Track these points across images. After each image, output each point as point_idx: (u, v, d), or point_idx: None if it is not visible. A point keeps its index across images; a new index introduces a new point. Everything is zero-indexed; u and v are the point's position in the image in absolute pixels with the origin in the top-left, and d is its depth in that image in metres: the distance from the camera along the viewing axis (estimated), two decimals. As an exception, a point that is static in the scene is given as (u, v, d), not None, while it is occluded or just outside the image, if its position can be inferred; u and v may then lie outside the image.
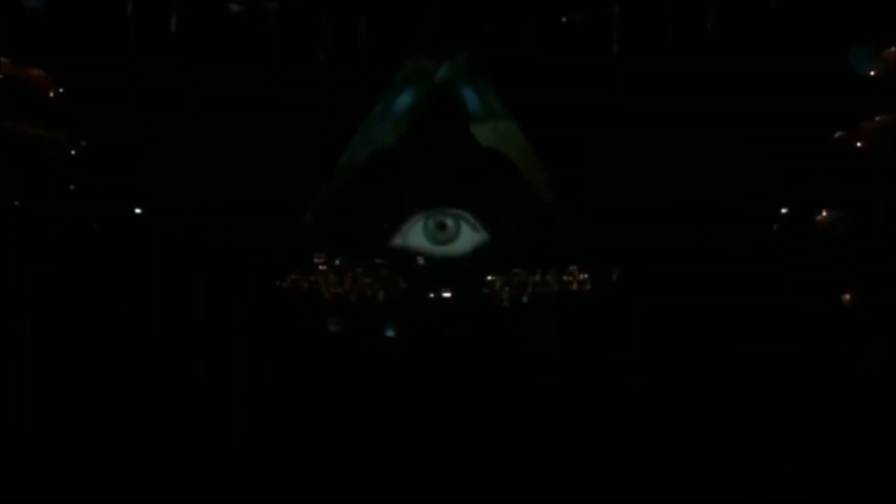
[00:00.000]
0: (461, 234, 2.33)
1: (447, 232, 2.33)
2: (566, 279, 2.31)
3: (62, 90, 2.11)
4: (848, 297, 2.10)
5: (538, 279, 2.30)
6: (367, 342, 2.28)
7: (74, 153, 2.13)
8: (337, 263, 2.32)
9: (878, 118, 2.05)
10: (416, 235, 2.34)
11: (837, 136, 2.09)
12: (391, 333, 2.29)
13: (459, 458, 2.12)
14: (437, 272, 2.32)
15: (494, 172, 2.38)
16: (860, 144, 2.06)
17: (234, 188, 2.35)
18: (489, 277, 2.30)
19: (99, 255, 2.26)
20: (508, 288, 2.29)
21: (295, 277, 2.32)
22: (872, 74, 2.07)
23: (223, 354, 2.19)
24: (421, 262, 2.32)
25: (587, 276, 2.31)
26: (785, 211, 2.28)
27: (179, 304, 2.23)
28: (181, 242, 2.30)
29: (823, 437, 2.09)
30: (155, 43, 2.38)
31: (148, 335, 2.21)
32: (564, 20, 2.41)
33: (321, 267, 2.32)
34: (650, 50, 2.38)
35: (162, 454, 2.09)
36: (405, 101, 2.37)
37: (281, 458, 2.11)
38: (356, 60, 2.42)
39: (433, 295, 2.30)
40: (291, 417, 2.15)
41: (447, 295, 2.30)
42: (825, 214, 2.12)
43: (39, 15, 2.30)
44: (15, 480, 1.97)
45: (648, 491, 2.09)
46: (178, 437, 2.11)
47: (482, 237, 2.35)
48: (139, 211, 2.33)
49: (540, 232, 2.38)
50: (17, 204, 2.09)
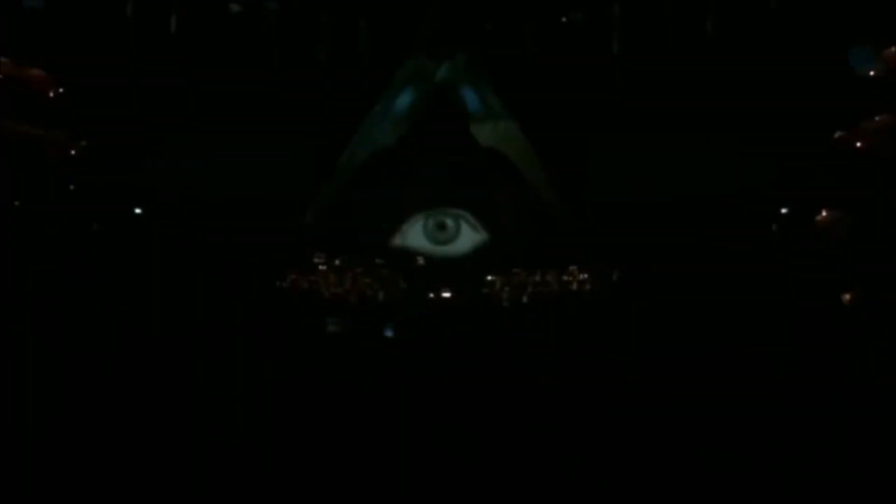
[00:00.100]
0: (461, 234, 2.33)
1: (447, 232, 2.33)
2: (566, 279, 2.31)
3: (62, 90, 2.11)
4: (848, 297, 2.10)
5: (538, 279, 2.30)
6: (367, 342, 2.28)
7: (74, 153, 2.13)
8: (337, 263, 2.32)
9: (878, 118, 2.04)
10: (416, 235, 2.34)
11: (837, 136, 2.09)
12: (391, 333, 2.29)
13: (459, 458, 2.12)
14: (437, 272, 2.32)
15: (494, 172, 2.38)
16: (860, 144, 2.06)
17: (234, 188, 2.35)
18: (489, 277, 2.30)
19: (99, 255, 2.26)
20: (508, 288, 2.29)
21: (295, 277, 2.32)
22: (872, 74, 2.07)
23: (223, 354, 2.19)
24: (421, 262, 2.32)
25: (587, 276, 2.31)
26: (785, 211, 2.29)
27: (179, 304, 2.23)
28: (181, 242, 2.30)
29: (823, 437, 2.09)
30: (155, 43, 2.38)
31: (148, 335, 2.21)
32: (564, 20, 2.41)
33: (321, 267, 2.32)
34: (650, 50, 2.39)
35: (162, 454, 2.09)
36: (405, 101, 2.37)
37: (281, 457, 2.11)
38: (356, 60, 2.42)
39: (433, 295, 2.30)
40: (291, 417, 2.15)
41: (447, 295, 2.30)
42: (825, 214, 2.12)
43: (39, 15, 2.30)
44: (15, 480, 1.97)
45: (648, 491, 2.09)
46: (178, 436, 2.11)
47: (482, 237, 2.35)
48: (139, 211, 2.33)
49: (540, 232, 2.38)
50: (17, 204, 2.09)
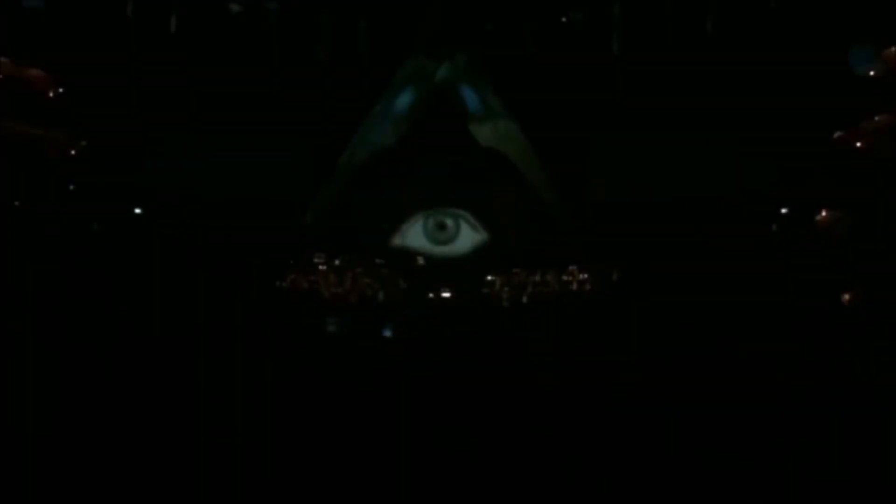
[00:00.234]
0: (461, 234, 2.33)
1: (447, 232, 2.33)
2: (566, 279, 2.31)
3: (62, 90, 2.11)
4: (848, 297, 2.10)
5: (538, 279, 2.30)
6: (367, 342, 2.28)
7: (74, 153, 2.13)
8: (337, 263, 2.32)
9: (878, 118, 2.04)
10: (415, 235, 2.34)
11: (837, 136, 2.09)
12: (391, 333, 2.29)
13: (459, 458, 2.12)
14: (437, 272, 2.32)
15: (494, 172, 2.38)
16: (860, 144, 2.06)
17: (234, 188, 2.35)
18: (489, 277, 2.30)
19: (99, 255, 2.26)
20: (508, 288, 2.29)
21: (295, 277, 2.32)
22: (872, 74, 2.07)
23: (223, 354, 2.19)
24: (421, 262, 2.32)
25: (587, 276, 2.31)
26: (785, 211, 2.28)
27: (179, 303, 2.23)
28: (181, 242, 2.30)
29: (823, 437, 2.09)
30: (155, 43, 2.38)
31: (148, 335, 2.21)
32: (564, 20, 2.41)
33: (321, 267, 2.32)
34: (650, 50, 2.38)
35: (162, 454, 2.09)
36: (405, 101, 2.37)
37: (281, 457, 2.11)
38: (356, 60, 2.42)
39: (433, 295, 2.30)
40: (291, 417, 2.15)
41: (447, 295, 2.30)
42: (825, 214, 2.12)
43: (39, 15, 2.30)
44: (15, 480, 1.97)
45: (648, 491, 2.09)
46: (177, 436, 2.11)
47: (482, 237, 2.35)
48: (139, 211, 2.33)
49: (540, 232, 2.38)
50: (17, 204, 2.09)
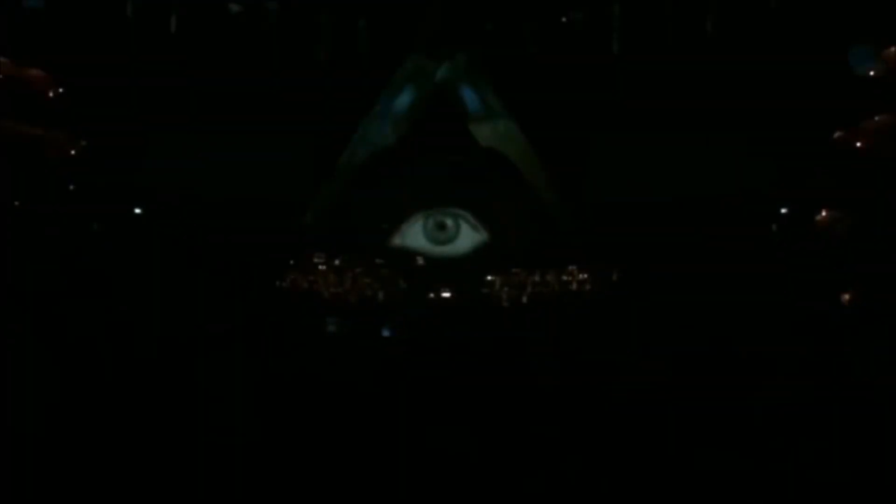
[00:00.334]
0: (461, 234, 2.33)
1: (447, 232, 2.33)
2: (566, 279, 2.31)
3: (62, 90, 2.11)
4: (848, 297, 2.10)
5: (538, 279, 2.30)
6: (366, 342, 2.28)
7: (74, 153, 2.13)
8: (337, 263, 2.32)
9: (878, 118, 2.05)
10: (415, 235, 2.34)
11: (837, 136, 2.09)
12: (391, 333, 2.29)
13: (459, 458, 2.12)
14: (436, 272, 2.32)
15: (494, 172, 2.38)
16: (860, 144, 2.06)
17: (234, 188, 2.36)
18: (489, 277, 2.30)
19: (99, 255, 2.26)
20: (508, 288, 2.29)
21: (295, 277, 2.33)
22: (872, 74, 2.07)
23: (223, 354, 2.19)
24: (421, 262, 2.32)
25: (587, 276, 2.31)
26: (785, 211, 2.29)
27: (179, 303, 2.23)
28: (181, 242, 2.30)
29: (823, 437, 2.09)
30: (155, 43, 2.38)
31: (148, 335, 2.22)
32: (564, 20, 2.41)
33: (321, 267, 2.32)
34: (650, 50, 2.38)
35: (162, 454, 2.09)
36: (405, 100, 2.37)
37: (280, 457, 2.11)
38: (356, 60, 2.42)
39: (433, 295, 2.30)
40: (291, 417, 2.15)
41: (447, 295, 2.30)
42: (825, 214, 2.12)
43: (39, 15, 2.30)
44: (14, 480, 1.97)
45: (648, 491, 2.09)
46: (177, 436, 2.11)
47: (482, 237, 2.35)
48: (139, 211, 2.33)
49: (540, 232, 2.38)
50: (17, 204, 2.09)
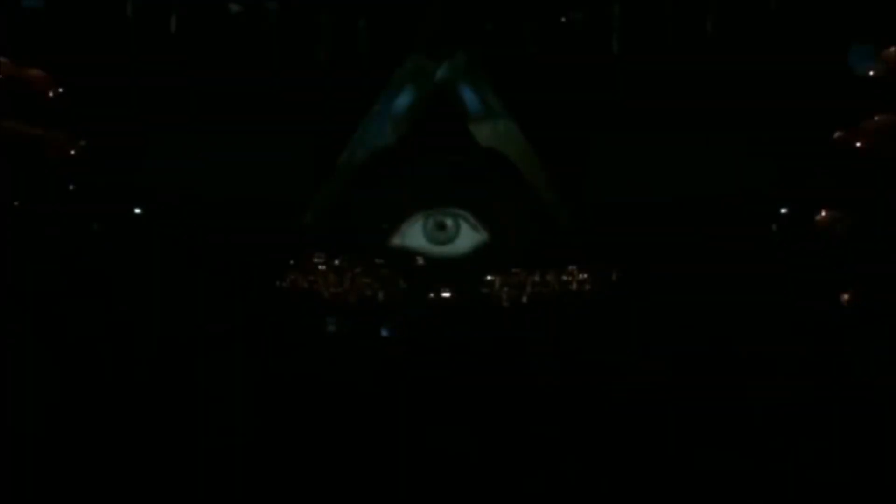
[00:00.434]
0: (461, 234, 2.34)
1: (447, 232, 2.33)
2: (566, 279, 2.31)
3: (62, 90, 2.11)
4: (848, 297, 2.10)
5: (538, 279, 2.30)
6: (366, 342, 2.28)
7: (74, 153, 2.13)
8: (337, 263, 2.32)
9: (878, 118, 2.05)
10: (415, 235, 2.34)
11: (837, 136, 2.09)
12: (391, 333, 2.29)
13: (459, 458, 2.12)
14: (436, 272, 2.32)
15: (494, 172, 2.38)
16: (860, 144, 2.06)
17: (234, 188, 2.36)
18: (489, 277, 2.30)
19: (99, 255, 2.26)
20: (508, 288, 2.29)
21: (295, 277, 2.33)
22: (872, 74, 2.07)
23: (223, 354, 2.19)
24: (420, 262, 2.32)
25: (587, 276, 2.31)
26: (785, 211, 2.29)
27: (179, 303, 2.23)
28: (181, 242, 2.30)
29: (823, 437, 2.09)
30: (155, 43, 2.38)
31: (148, 335, 2.22)
32: (564, 20, 2.41)
33: (321, 267, 2.32)
34: (650, 50, 2.39)
35: (162, 454, 2.09)
36: (405, 100, 2.37)
37: (281, 457, 2.11)
38: (356, 60, 2.42)
39: (433, 295, 2.30)
40: (291, 417, 2.15)
41: (447, 295, 2.30)
42: (825, 214, 2.12)
43: (39, 15, 2.30)
44: (15, 480, 1.97)
45: (648, 491, 2.09)
46: (177, 436, 2.11)
47: (482, 237, 2.35)
48: (139, 211, 2.33)
49: (540, 232, 2.38)
50: (17, 204, 2.09)
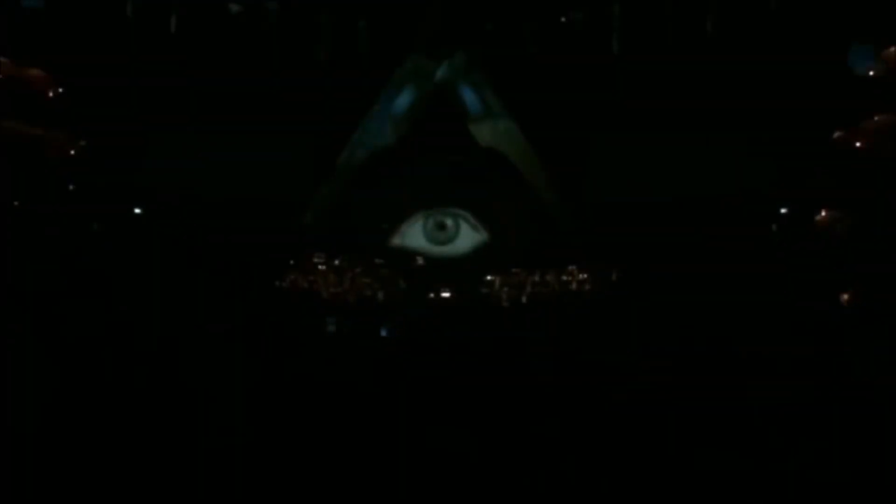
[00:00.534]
0: (461, 234, 2.34)
1: (447, 232, 2.33)
2: (566, 279, 2.31)
3: (62, 90, 2.11)
4: (848, 297, 2.10)
5: (537, 279, 2.30)
6: (366, 342, 2.28)
7: (74, 153, 2.13)
8: (337, 263, 2.32)
9: (877, 118, 2.05)
10: (415, 235, 2.34)
11: (837, 136, 2.09)
12: (391, 333, 2.29)
13: (459, 457, 2.12)
14: (436, 272, 2.32)
15: (494, 172, 2.38)
16: (860, 144, 2.06)
17: (234, 188, 2.36)
18: (488, 277, 2.30)
19: (99, 254, 2.26)
20: (507, 288, 2.30)
21: (295, 277, 2.33)
22: (872, 74, 2.07)
23: (223, 354, 2.19)
24: (420, 262, 2.32)
25: (587, 276, 2.31)
26: (785, 211, 2.29)
27: (179, 303, 2.23)
28: (181, 242, 2.30)
29: (823, 436, 2.09)
30: (155, 43, 2.38)
31: (148, 335, 2.22)
32: (564, 20, 2.41)
33: (321, 267, 2.33)
34: (650, 50, 2.39)
35: (162, 453, 2.09)
36: (405, 100, 2.38)
37: (280, 457, 2.11)
38: (356, 60, 2.42)
39: (433, 295, 2.31)
40: (291, 416, 2.15)
41: (447, 295, 2.30)
42: (825, 214, 2.13)
43: (39, 15, 2.30)
44: (15, 479, 1.98)
45: (647, 491, 2.09)
46: (177, 435, 2.11)
47: (482, 237, 2.35)
48: (139, 211, 2.34)
49: (540, 232, 2.39)
50: (17, 204, 2.09)
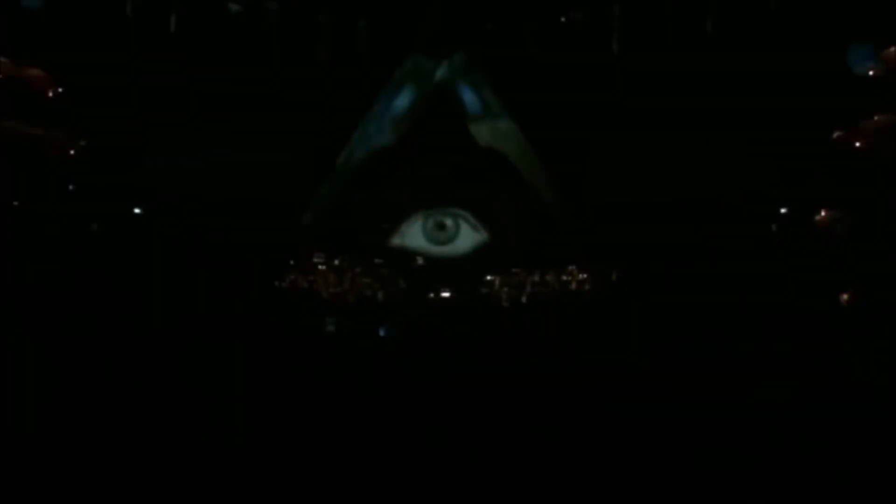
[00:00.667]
0: (461, 233, 2.34)
1: (446, 232, 2.33)
2: (566, 279, 2.31)
3: (62, 90, 2.11)
4: (847, 297, 2.10)
5: (537, 279, 2.30)
6: (366, 342, 2.28)
7: (74, 153, 2.13)
8: (336, 263, 2.32)
9: (877, 118, 2.05)
10: (415, 235, 2.34)
11: (837, 136, 2.09)
12: (391, 333, 2.29)
13: (458, 456, 2.12)
14: (436, 272, 2.32)
15: (494, 172, 2.38)
16: (860, 144, 2.07)
17: (234, 188, 2.36)
18: (489, 277, 2.30)
19: (99, 255, 2.26)
20: (507, 288, 2.29)
21: (295, 277, 2.33)
22: (872, 74, 2.07)
23: (222, 353, 2.19)
24: (420, 262, 2.32)
25: (586, 276, 2.31)
26: (785, 211, 2.29)
27: (179, 303, 2.23)
28: (181, 242, 2.30)
29: (823, 436, 2.09)
30: (155, 43, 2.38)
31: (147, 334, 2.22)
32: (564, 20, 2.41)
33: (321, 267, 2.32)
34: (650, 50, 2.39)
35: (162, 453, 2.09)
36: (405, 100, 2.38)
37: (280, 456, 2.11)
38: (356, 60, 2.42)
39: (433, 295, 2.31)
40: (290, 416, 2.15)
41: (447, 295, 2.30)
42: (825, 214, 2.13)
43: (39, 15, 2.30)
44: (15, 478, 1.97)
45: (647, 491, 2.08)
46: (177, 435, 2.11)
47: (482, 237, 2.35)
48: (139, 211, 2.34)
49: (540, 232, 2.39)
50: (17, 204, 2.09)
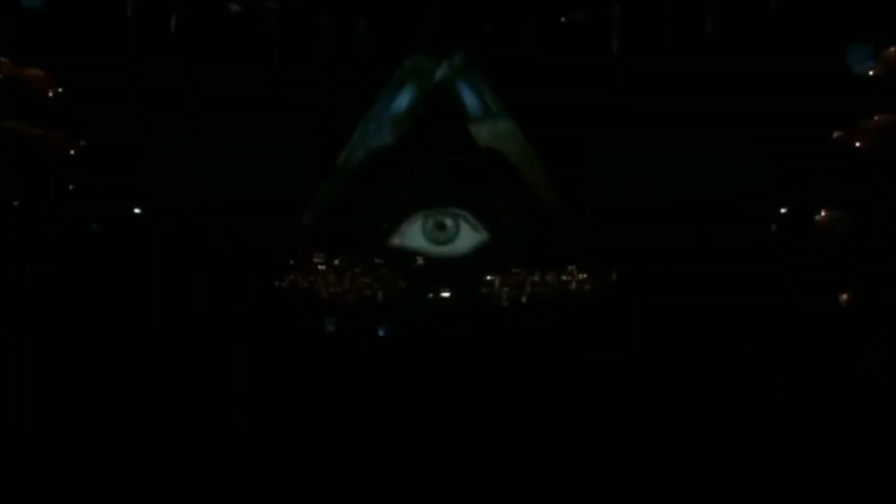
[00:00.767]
0: (460, 234, 2.34)
1: (446, 232, 2.33)
2: (566, 279, 2.31)
3: (62, 90, 2.11)
4: (848, 297, 2.10)
5: (537, 279, 2.30)
6: (366, 342, 2.28)
7: (74, 153, 2.14)
8: (337, 263, 2.32)
9: (877, 118, 2.05)
10: (415, 235, 2.34)
11: (837, 136, 2.09)
12: (391, 333, 2.29)
13: (458, 456, 2.12)
14: (436, 272, 2.32)
15: (494, 172, 2.38)
16: (860, 144, 2.07)
17: (234, 188, 2.36)
18: (489, 277, 2.30)
19: (99, 255, 2.26)
20: (507, 288, 2.30)
21: (295, 277, 2.33)
22: (872, 74, 2.08)
23: (223, 353, 2.19)
24: (420, 262, 2.33)
25: (587, 276, 2.31)
26: (785, 211, 2.29)
27: (179, 303, 2.23)
28: (181, 242, 2.30)
29: (823, 437, 2.09)
30: (155, 43, 2.38)
31: (147, 334, 2.22)
32: (564, 20, 2.41)
33: (321, 267, 2.32)
34: (650, 50, 2.39)
35: (162, 452, 2.09)
36: (405, 100, 2.38)
37: (280, 456, 2.11)
38: (356, 60, 2.43)
39: (433, 295, 2.31)
40: (290, 416, 2.15)
41: (447, 295, 2.30)
42: (825, 214, 2.13)
43: (39, 15, 2.30)
44: (15, 478, 1.97)
45: (648, 491, 2.08)
46: (177, 435, 2.11)
47: (482, 237, 2.35)
48: (139, 211, 2.34)
49: (540, 232, 2.39)
50: (17, 204, 2.09)
